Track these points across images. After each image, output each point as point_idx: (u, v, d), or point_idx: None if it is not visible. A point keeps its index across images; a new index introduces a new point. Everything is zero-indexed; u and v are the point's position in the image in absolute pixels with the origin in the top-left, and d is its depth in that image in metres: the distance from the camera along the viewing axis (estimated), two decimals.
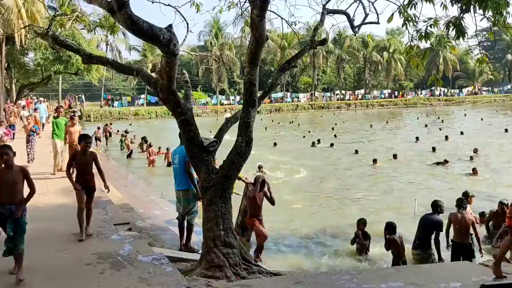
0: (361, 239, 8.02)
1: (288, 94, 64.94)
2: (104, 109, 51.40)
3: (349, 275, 4.54)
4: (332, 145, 24.14)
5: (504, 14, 5.95)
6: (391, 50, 66.46)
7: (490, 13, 5.83)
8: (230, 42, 59.48)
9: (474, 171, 15.25)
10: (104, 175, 6.41)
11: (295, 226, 9.98)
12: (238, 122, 5.79)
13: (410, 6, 6.25)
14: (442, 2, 6.30)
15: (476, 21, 6.08)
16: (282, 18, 7.42)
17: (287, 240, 9.12)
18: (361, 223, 8.09)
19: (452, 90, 74.09)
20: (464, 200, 7.31)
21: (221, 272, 4.84)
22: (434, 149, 21.39)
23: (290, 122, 40.45)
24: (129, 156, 21.18)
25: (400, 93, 70.90)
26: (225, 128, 6.16)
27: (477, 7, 5.62)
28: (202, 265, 5.07)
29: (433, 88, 69.26)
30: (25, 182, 4.67)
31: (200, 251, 5.57)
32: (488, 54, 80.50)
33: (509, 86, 77.01)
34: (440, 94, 71.24)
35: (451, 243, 6.88)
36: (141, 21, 4.72)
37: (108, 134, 26.16)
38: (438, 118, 41.06)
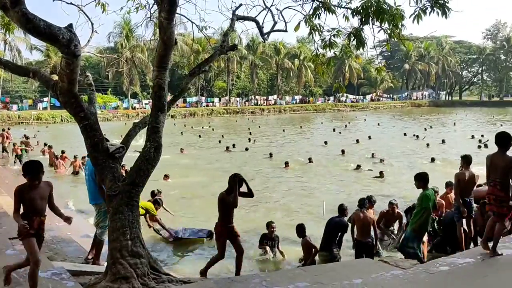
0: (270, 241, 8.19)
1: (203, 98, 64.74)
2: (2, 113, 47.13)
3: (258, 278, 4.60)
4: (247, 149, 24.50)
5: (400, 26, 6.44)
6: (301, 58, 69.16)
7: (387, 25, 6.31)
8: (142, 45, 57.78)
9: (381, 174, 16.37)
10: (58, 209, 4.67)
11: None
12: (146, 127, 5.61)
13: (315, 16, 6.54)
14: (344, 14, 6.69)
15: (374, 32, 6.51)
16: (192, 22, 7.37)
17: (200, 246, 9.04)
18: (270, 225, 8.26)
19: (357, 97, 79.00)
20: (365, 200, 7.78)
21: (128, 283, 4.63)
22: (343, 152, 22.63)
23: (202, 127, 40.19)
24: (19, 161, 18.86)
25: (311, 99, 74.14)
26: (132, 133, 5.92)
27: (375, 20, 6.06)
28: (107, 277, 4.80)
29: (339, 94, 73.34)
30: None
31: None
32: (388, 63, 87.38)
33: (406, 93, 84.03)
34: (346, 100, 75.49)
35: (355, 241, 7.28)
36: (37, 19, 4.37)
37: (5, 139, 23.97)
38: (348, 123, 43.59)
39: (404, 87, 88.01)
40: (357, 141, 27.44)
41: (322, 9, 6.52)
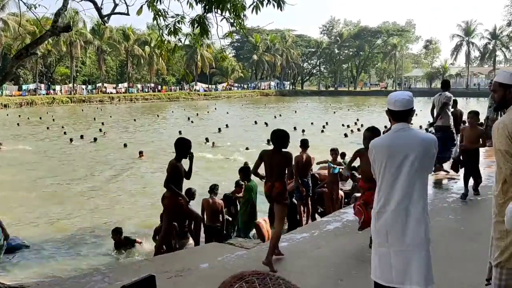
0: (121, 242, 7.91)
1: (43, 86, 58.52)
2: None
3: (100, 274, 4.35)
4: (95, 139, 22.99)
5: (242, 16, 6.65)
6: (152, 45, 67.34)
7: (229, 14, 6.46)
8: None
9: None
10: None
11: (53, 228, 9.13)
12: None
13: (157, 0, 6.36)
14: (188, 0, 6.65)
15: (217, 21, 6.61)
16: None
17: (46, 244, 8.28)
18: (117, 232, 7.93)
19: (210, 86, 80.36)
20: (216, 186, 7.96)
21: None
22: (207, 139, 22.74)
23: (40, 118, 36.29)
24: None
25: (164, 87, 72.90)
26: None
27: (217, 8, 6.14)
28: None
29: (193, 83, 73.70)
30: None
31: None
32: (238, 54, 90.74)
33: (255, 83, 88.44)
34: (199, 89, 76.19)
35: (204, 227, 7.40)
36: None
37: None
38: (208, 112, 43.96)
39: (253, 77, 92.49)
40: (219, 129, 27.77)
41: None
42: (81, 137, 23.93)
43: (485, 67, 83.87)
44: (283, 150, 4.78)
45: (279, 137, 4.80)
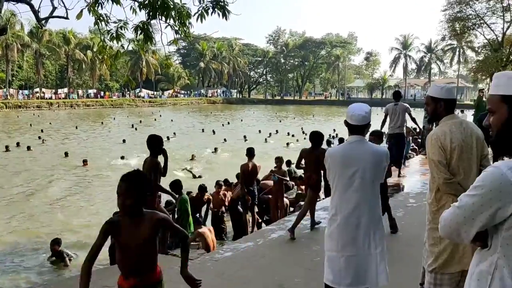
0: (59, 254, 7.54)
1: None
2: None
3: None
4: (29, 148, 21.78)
5: (187, 24, 6.60)
6: (95, 49, 65.12)
7: (174, 21, 6.39)
8: None
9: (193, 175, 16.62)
10: None
11: None
12: None
13: (98, 5, 6.17)
14: (131, 6, 6.51)
15: (161, 28, 6.52)
16: None
17: None
18: (55, 243, 7.59)
19: (155, 93, 78.91)
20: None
21: None
22: (124, 141, 22.59)
23: None
24: None
25: (107, 93, 70.67)
26: None
27: (161, 15, 6.06)
28: None
29: (138, 89, 72.09)
30: None
31: None
32: (185, 61, 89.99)
33: (203, 90, 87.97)
34: (144, 96, 74.60)
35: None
36: None
37: None
38: (156, 119, 42.94)
39: (200, 85, 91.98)
40: (168, 138, 27.10)
41: None
42: (17, 144, 22.63)
43: (421, 79, 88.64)
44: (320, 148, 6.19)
45: (316, 136, 6.19)
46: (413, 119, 10.10)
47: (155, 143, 5.79)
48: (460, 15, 33.98)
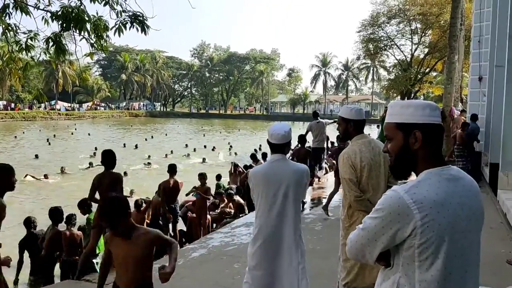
0: None
1: None
2: None
3: None
4: None
5: (105, 37, 6.35)
6: (4, 59, 60.57)
7: (89, 34, 6.12)
8: None
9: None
10: None
11: None
12: None
13: (6, 14, 5.75)
14: (43, 17, 6.14)
15: (76, 40, 6.22)
16: None
17: None
18: None
19: (73, 105, 74.94)
20: (74, 216, 7.33)
21: None
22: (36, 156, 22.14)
23: None
24: None
25: (17, 105, 65.82)
26: None
27: (75, 28, 5.77)
28: None
29: (53, 101, 68.07)
30: None
31: None
32: (105, 72, 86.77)
33: (124, 103, 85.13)
34: (60, 109, 70.51)
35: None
36: None
37: None
38: (73, 133, 40.48)
39: (122, 97, 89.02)
40: (94, 154, 25.22)
41: (14, 8, 5.80)
42: None
43: (340, 95, 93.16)
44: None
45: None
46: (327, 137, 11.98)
47: (112, 158, 5.75)
48: (373, 37, 36.45)
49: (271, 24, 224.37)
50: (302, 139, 9.81)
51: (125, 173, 18.63)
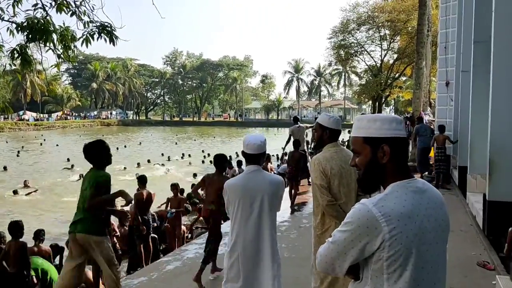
0: None
1: None
2: None
3: None
4: None
5: (72, 47, 6.23)
6: None
7: (55, 45, 5.99)
8: None
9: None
10: None
11: None
12: None
13: None
14: (8, 27, 5.98)
15: (42, 51, 6.08)
16: None
17: None
18: None
19: (42, 115, 73.05)
20: (42, 231, 7.11)
21: None
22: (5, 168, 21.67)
23: None
24: None
25: None
26: None
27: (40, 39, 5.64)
28: None
29: (21, 112, 66.23)
30: None
31: None
32: (75, 81, 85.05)
33: (95, 112, 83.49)
34: (29, 119, 68.59)
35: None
36: None
37: None
38: (42, 144, 39.34)
39: (93, 106, 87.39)
40: (72, 166, 24.54)
41: None
42: None
43: (313, 100, 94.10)
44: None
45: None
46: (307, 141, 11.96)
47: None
48: (344, 43, 37.07)
49: (243, 31, 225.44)
50: (296, 143, 10.13)
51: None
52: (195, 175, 19.87)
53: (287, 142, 11.67)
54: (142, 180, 7.93)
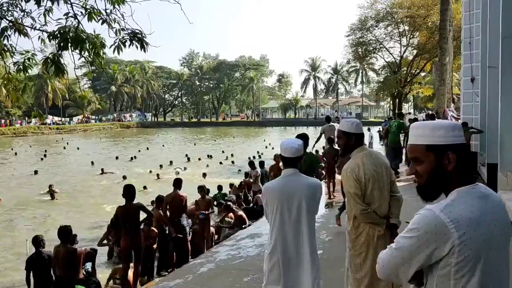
0: None
1: None
2: None
3: None
4: None
5: (102, 55, 6.33)
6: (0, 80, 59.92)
7: (88, 53, 6.10)
8: None
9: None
10: None
11: None
12: None
13: (4, 37, 5.70)
14: (39, 36, 6.11)
15: (75, 59, 6.19)
16: None
17: None
18: None
19: (63, 119, 74.36)
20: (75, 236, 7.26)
21: None
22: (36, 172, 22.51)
23: None
24: None
25: (8, 121, 65.22)
26: None
27: (74, 47, 5.75)
28: None
29: (44, 116, 67.41)
30: None
31: None
32: (95, 85, 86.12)
33: (115, 115, 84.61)
34: (51, 123, 69.88)
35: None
36: None
37: None
38: (65, 148, 40.12)
39: (112, 109, 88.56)
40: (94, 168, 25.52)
41: (12, 30, 5.76)
42: None
43: (330, 98, 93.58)
44: None
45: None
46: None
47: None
48: (362, 40, 36.72)
49: (259, 30, 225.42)
50: (330, 140, 10.45)
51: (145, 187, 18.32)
52: (204, 174, 20.13)
53: (317, 140, 11.97)
54: (176, 183, 8.00)
